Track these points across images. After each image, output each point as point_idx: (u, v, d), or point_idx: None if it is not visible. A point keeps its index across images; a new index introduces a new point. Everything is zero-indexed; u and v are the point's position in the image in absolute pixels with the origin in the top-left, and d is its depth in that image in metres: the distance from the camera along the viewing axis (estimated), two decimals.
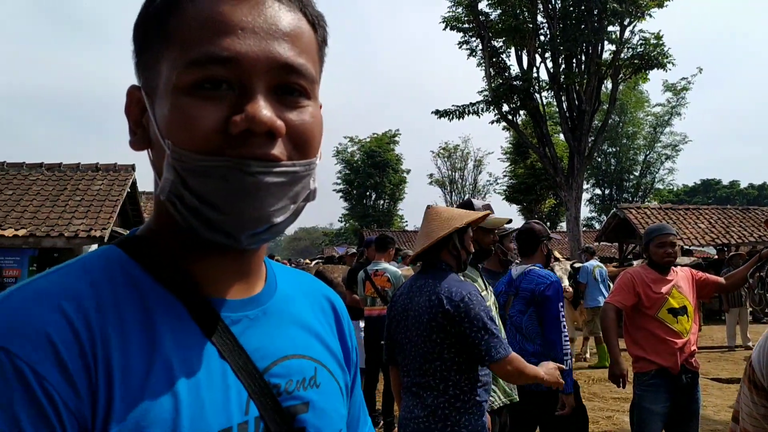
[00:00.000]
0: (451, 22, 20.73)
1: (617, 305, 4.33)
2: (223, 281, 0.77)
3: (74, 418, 0.59)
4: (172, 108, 0.68)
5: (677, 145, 47.79)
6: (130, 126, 0.76)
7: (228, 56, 0.66)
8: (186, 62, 0.67)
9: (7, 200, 13.10)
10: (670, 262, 4.34)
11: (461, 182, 49.34)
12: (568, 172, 19.84)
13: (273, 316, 0.81)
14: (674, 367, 4.14)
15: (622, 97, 33.98)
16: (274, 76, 0.69)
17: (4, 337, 0.59)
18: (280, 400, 0.75)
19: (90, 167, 14.68)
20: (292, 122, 0.70)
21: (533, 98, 20.02)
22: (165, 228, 0.76)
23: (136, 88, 0.75)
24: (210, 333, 0.72)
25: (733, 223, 18.66)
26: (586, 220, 47.78)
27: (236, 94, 0.68)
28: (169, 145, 0.67)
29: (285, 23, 0.71)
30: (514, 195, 37.29)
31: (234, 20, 0.68)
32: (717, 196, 62.54)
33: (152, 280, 0.72)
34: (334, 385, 0.85)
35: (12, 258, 12.35)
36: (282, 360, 0.78)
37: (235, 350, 0.73)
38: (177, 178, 0.68)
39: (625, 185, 50.01)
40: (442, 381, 2.69)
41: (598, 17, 19.00)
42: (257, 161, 0.67)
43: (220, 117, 0.67)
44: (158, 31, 0.71)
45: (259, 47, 0.68)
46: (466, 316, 2.65)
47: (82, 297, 0.65)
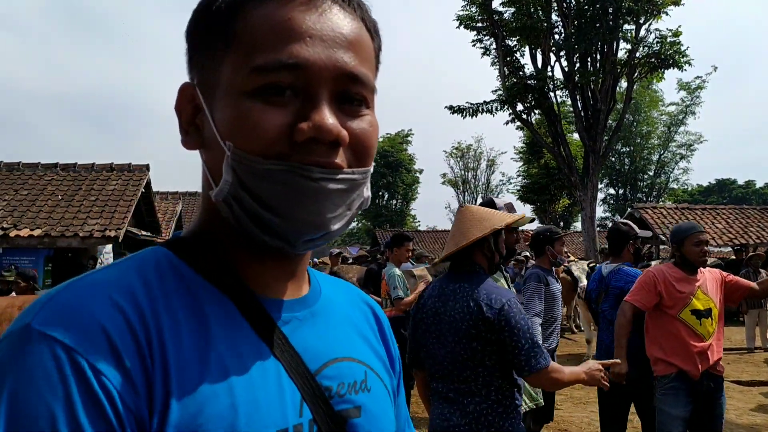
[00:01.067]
0: (465, 20, 20.68)
1: (636, 305, 4.20)
2: (272, 282, 0.76)
3: (132, 415, 0.58)
4: (236, 111, 0.67)
5: (692, 144, 47.47)
6: (182, 124, 0.75)
7: (296, 63, 0.66)
8: (253, 67, 0.67)
9: (23, 200, 13.18)
10: (704, 262, 4.19)
11: (474, 182, 49.31)
12: (583, 171, 19.71)
13: (321, 317, 0.80)
14: (694, 371, 4.01)
15: (636, 96, 33.73)
16: (338, 85, 0.69)
17: (60, 330, 0.58)
18: (332, 403, 0.73)
19: (104, 167, 14.76)
20: (353, 131, 0.70)
21: (548, 97, 19.93)
22: (213, 229, 0.75)
23: (189, 85, 0.74)
24: (262, 332, 0.71)
25: (751, 223, 18.44)
26: (600, 220, 47.46)
27: (301, 101, 0.68)
28: (230, 147, 0.67)
29: (349, 31, 0.71)
30: (528, 195, 37.12)
31: (302, 27, 0.67)
32: (732, 196, 61.94)
33: (202, 279, 0.71)
34: (383, 389, 0.84)
35: (27, 258, 12.41)
36: (333, 362, 0.77)
37: (287, 350, 0.72)
38: (236, 180, 0.67)
39: (639, 185, 49.71)
40: (484, 386, 2.62)
41: (614, 15, 18.86)
42: (320, 168, 0.67)
43: (284, 123, 0.66)
44: (221, 32, 0.70)
45: (326, 55, 0.68)
46: (506, 324, 2.57)
47: (135, 292, 0.64)
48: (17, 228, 12.07)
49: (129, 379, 0.59)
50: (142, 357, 0.61)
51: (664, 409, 4.10)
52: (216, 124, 0.69)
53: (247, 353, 0.68)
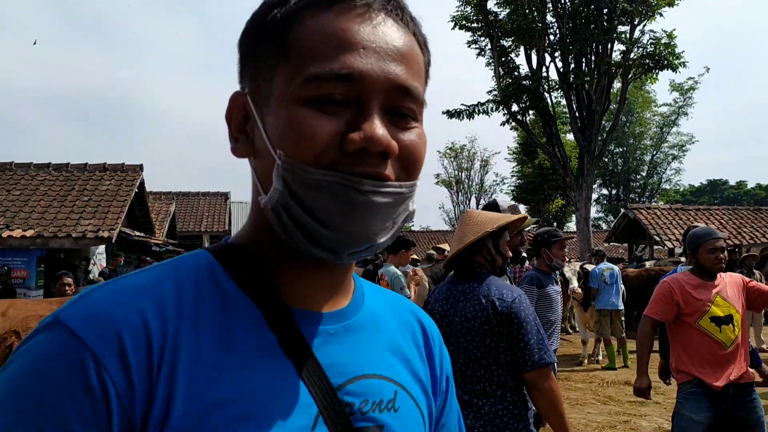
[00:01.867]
0: (460, 21, 20.67)
1: (656, 317, 4.10)
2: (309, 293, 0.76)
3: (124, 414, 0.61)
4: (288, 119, 0.68)
5: (684, 145, 47.68)
6: (231, 132, 0.76)
7: (349, 73, 0.67)
8: (306, 76, 0.67)
9: (15, 201, 13.09)
10: (721, 269, 4.06)
11: (468, 182, 49.34)
12: (578, 172, 19.75)
13: (356, 332, 0.79)
14: (715, 383, 3.88)
15: (628, 97, 33.84)
16: (389, 97, 0.69)
17: (79, 325, 0.62)
18: (352, 419, 0.72)
19: (97, 167, 14.69)
20: (403, 143, 0.70)
21: (543, 98, 19.95)
22: (259, 237, 0.76)
23: (240, 94, 0.76)
24: (286, 344, 0.71)
25: (745, 223, 18.53)
26: (593, 221, 47.63)
27: (352, 112, 0.68)
28: (281, 155, 0.68)
29: (402, 45, 0.71)
30: (522, 195, 37.16)
31: (356, 38, 0.68)
32: (724, 197, 62.24)
33: (236, 286, 0.72)
34: (416, 411, 0.81)
35: (20, 259, 12.33)
36: (359, 378, 0.76)
37: (309, 364, 0.71)
38: (286, 189, 0.68)
39: (631, 185, 49.93)
40: (499, 387, 2.62)
41: (608, 17, 18.91)
42: (369, 179, 0.67)
43: (335, 132, 0.67)
44: (275, 42, 0.71)
45: (379, 67, 0.68)
46: (516, 317, 2.60)
47: (165, 300, 0.67)
48: (9, 228, 11.98)
49: (129, 377, 0.61)
50: (149, 362, 0.63)
51: (684, 413, 4.01)
52: (267, 132, 0.70)
53: (267, 366, 0.69)
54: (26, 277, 12.36)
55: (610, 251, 27.50)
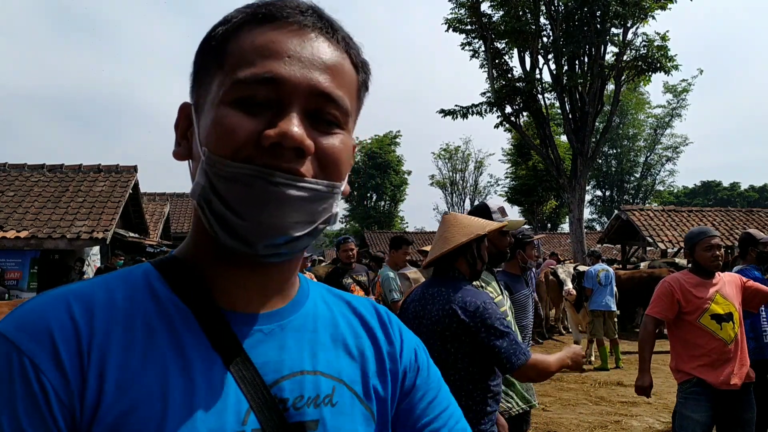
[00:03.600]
0: (454, 23, 20.69)
1: (657, 317, 4.14)
2: (244, 295, 0.79)
3: (65, 409, 0.65)
4: (213, 118, 0.73)
5: (678, 146, 47.89)
6: (177, 138, 0.83)
7: (271, 77, 0.72)
8: (234, 80, 0.72)
9: (9, 202, 13.06)
10: (718, 266, 4.12)
11: (462, 183, 49.41)
12: (571, 173, 19.81)
13: (292, 331, 0.81)
14: (715, 381, 3.94)
15: (622, 99, 33.94)
16: (311, 102, 0.74)
17: (16, 335, 0.67)
18: (286, 415, 0.75)
19: (92, 168, 14.66)
20: (321, 145, 0.74)
21: (536, 100, 20.00)
22: (197, 241, 0.80)
23: (187, 104, 0.82)
24: (217, 344, 0.74)
25: (737, 225, 18.61)
26: (586, 222, 47.70)
27: (273, 112, 0.72)
28: (205, 151, 0.73)
29: (328, 57, 0.76)
30: (516, 196, 37.26)
31: (282, 48, 0.74)
32: (717, 198, 62.51)
33: (170, 291, 0.76)
34: (358, 405, 0.83)
35: (14, 260, 12.31)
36: (294, 375, 0.78)
37: (240, 361, 0.75)
38: (207, 182, 0.72)
39: (625, 187, 50.09)
40: (455, 391, 2.59)
41: (601, 19, 18.96)
42: (282, 173, 0.70)
43: (254, 130, 0.71)
44: (215, 55, 0.76)
45: (301, 73, 0.73)
46: (482, 325, 2.60)
47: (94, 301, 0.72)
48: (3, 230, 11.95)
49: (65, 378, 0.66)
50: (80, 359, 0.67)
51: (685, 413, 4.05)
52: (199, 134, 0.75)
53: (196, 364, 0.72)
54: (20, 278, 12.34)
55: (604, 252, 27.58)
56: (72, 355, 0.67)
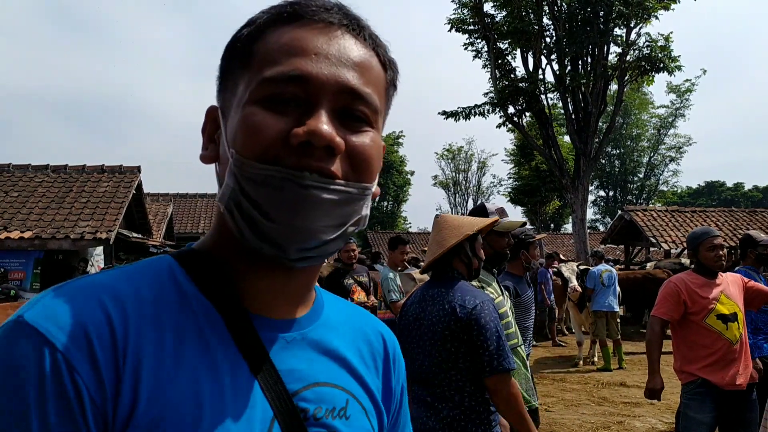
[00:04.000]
0: (456, 23, 20.69)
1: (664, 317, 4.13)
2: (268, 300, 0.78)
3: (98, 414, 0.62)
4: (241, 118, 0.71)
5: (681, 147, 47.80)
6: (204, 142, 0.81)
7: (299, 75, 0.71)
8: (260, 79, 0.71)
9: (13, 202, 13.11)
10: (721, 266, 4.13)
11: (465, 184, 49.40)
12: (574, 174, 19.79)
13: (312, 342, 0.81)
14: (720, 382, 3.93)
15: (625, 99, 33.90)
16: (339, 99, 0.72)
17: (50, 329, 0.62)
18: (306, 424, 0.75)
19: (95, 169, 14.70)
20: (351, 143, 0.73)
21: (539, 100, 19.98)
22: (221, 241, 0.78)
23: (214, 108, 0.81)
24: (244, 348, 0.73)
25: (741, 225, 18.58)
26: (590, 222, 47.63)
27: (301, 111, 0.71)
28: (233, 153, 0.71)
29: (356, 54, 0.75)
30: (519, 197, 37.23)
31: (309, 46, 0.72)
32: (721, 198, 62.36)
33: (196, 289, 0.74)
34: (365, 420, 0.84)
35: (17, 260, 12.34)
36: (314, 386, 0.78)
37: (266, 368, 0.74)
38: (236, 185, 0.70)
39: (629, 187, 50.02)
40: (457, 392, 2.65)
41: (605, 19, 18.95)
42: (313, 175, 0.69)
43: (283, 128, 0.70)
44: (241, 57, 0.76)
45: (329, 71, 0.72)
46: (476, 323, 2.62)
47: (124, 296, 0.68)
48: (7, 230, 11.99)
49: (99, 378, 0.62)
50: (116, 361, 0.64)
51: (689, 414, 4.03)
52: (226, 135, 0.74)
53: (224, 369, 0.70)
54: (23, 278, 12.37)
55: (607, 253, 27.55)
56: (108, 356, 0.63)
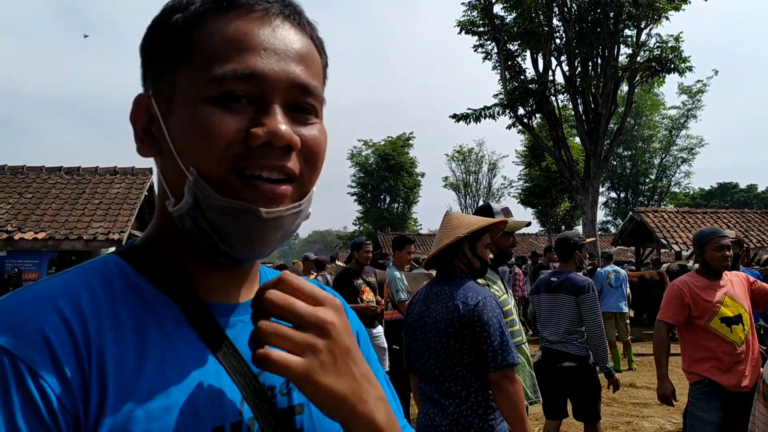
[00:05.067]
0: (466, 25, 20.71)
1: (669, 321, 4.12)
2: (221, 288, 0.80)
3: (69, 415, 0.61)
4: (192, 118, 0.71)
5: (693, 148, 47.43)
6: (137, 133, 0.78)
7: (251, 73, 0.71)
8: (210, 77, 0.70)
9: (27, 203, 13.25)
10: (727, 266, 4.09)
11: (476, 185, 49.30)
12: (584, 175, 19.74)
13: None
14: (727, 384, 3.92)
15: (637, 100, 33.73)
16: (290, 95, 0.74)
17: (5, 338, 0.60)
18: (275, 401, 0.77)
19: (108, 170, 14.83)
20: (304, 137, 0.74)
21: (549, 101, 19.95)
22: (166, 236, 0.79)
23: (144, 96, 0.77)
24: (205, 335, 0.74)
25: (752, 227, 18.47)
26: (601, 224, 47.45)
27: (255, 109, 0.72)
28: (193, 172, 0.70)
29: (300, 47, 0.76)
30: (529, 198, 37.05)
31: (257, 40, 0.72)
32: (734, 200, 61.83)
33: (148, 283, 0.74)
34: None
35: (31, 261, 12.48)
36: None
37: (229, 352, 0.75)
38: (196, 204, 0.71)
39: (640, 189, 49.66)
40: (464, 388, 2.68)
41: (615, 20, 18.90)
42: (267, 207, 0.71)
43: (240, 128, 0.70)
44: (178, 44, 0.74)
45: (279, 67, 0.72)
46: (478, 320, 2.65)
47: (78, 298, 0.67)
48: (21, 231, 12.14)
49: (66, 382, 0.61)
50: (80, 361, 0.63)
51: (696, 413, 4.02)
52: (170, 133, 0.73)
53: (189, 357, 0.71)
54: (37, 279, 12.50)
55: (618, 254, 27.41)
56: (70, 358, 0.62)
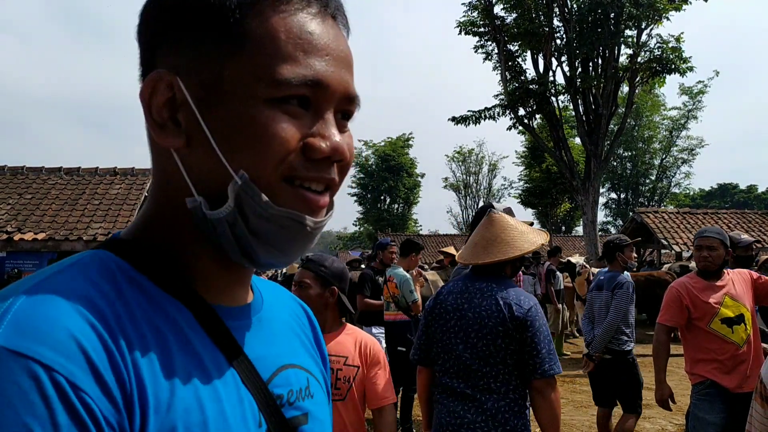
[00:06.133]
0: (467, 26, 20.70)
1: (668, 324, 4.10)
2: (222, 289, 0.75)
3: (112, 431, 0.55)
4: (252, 120, 0.65)
5: (694, 149, 47.44)
6: (152, 115, 0.69)
7: (318, 81, 0.67)
8: (275, 79, 0.65)
9: (27, 204, 13.23)
10: (705, 266, 4.07)
11: (476, 186, 49.32)
12: (585, 176, 19.74)
13: (266, 324, 0.80)
14: (730, 385, 3.88)
15: (637, 101, 33.72)
16: (341, 104, 0.71)
17: (34, 347, 0.52)
18: (283, 411, 0.75)
19: (108, 171, 14.81)
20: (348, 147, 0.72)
21: (549, 102, 19.95)
22: (171, 232, 0.72)
23: (167, 74, 0.67)
24: (220, 342, 0.70)
25: (753, 227, 18.44)
26: (601, 225, 47.41)
27: (311, 116, 0.68)
28: (243, 176, 0.65)
29: (350, 54, 0.73)
30: (530, 199, 37.15)
31: (320, 42, 0.68)
32: (734, 201, 61.84)
33: (156, 287, 0.68)
34: (323, 394, 0.86)
35: (31, 262, 12.45)
36: (281, 370, 0.78)
37: (242, 360, 0.71)
38: (239, 210, 0.66)
39: (641, 189, 49.69)
40: (504, 384, 2.69)
41: (615, 21, 18.90)
42: (313, 218, 0.69)
43: (299, 137, 0.67)
44: (226, 27, 0.66)
45: (339, 75, 0.70)
46: (531, 325, 2.68)
47: (97, 303, 0.60)
48: (21, 231, 12.11)
49: (110, 395, 0.55)
50: (118, 373, 0.57)
51: (699, 414, 3.98)
52: (211, 126, 0.66)
53: (209, 364, 0.67)
54: None
55: None
56: (107, 369, 0.56)
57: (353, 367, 2.61)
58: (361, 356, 2.64)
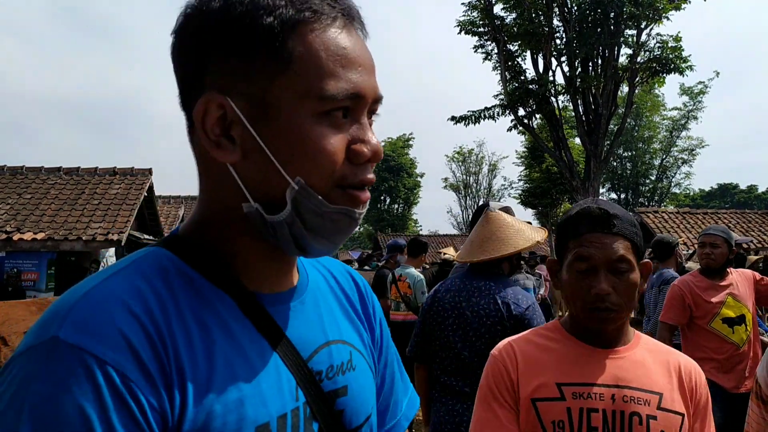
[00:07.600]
0: (466, 26, 20.68)
1: (670, 323, 4.10)
2: (270, 277, 0.83)
3: (159, 417, 0.64)
4: (304, 134, 0.73)
5: (694, 149, 47.42)
6: (207, 135, 0.75)
7: (357, 93, 0.75)
8: (322, 95, 0.72)
9: (26, 204, 13.23)
10: (708, 263, 4.06)
11: (476, 186, 49.31)
12: (585, 176, 19.73)
13: (310, 305, 0.88)
14: (727, 385, 3.88)
15: (637, 101, 33.72)
16: (371, 107, 0.80)
17: (88, 342, 0.62)
18: (322, 386, 0.82)
19: (107, 171, 14.81)
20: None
21: (549, 102, 19.95)
22: (215, 232, 0.80)
23: (220, 96, 0.73)
24: (262, 327, 0.78)
25: (753, 227, 18.44)
26: None
27: (350, 123, 0.76)
28: (300, 182, 0.73)
29: (372, 58, 0.80)
30: (529, 199, 37.03)
31: (353, 55, 0.76)
32: (734, 201, 61.80)
33: (202, 278, 0.76)
34: (365, 365, 0.93)
35: (30, 261, 12.45)
36: (322, 347, 0.85)
37: (282, 341, 0.79)
38: (295, 211, 0.74)
39: (641, 189, 49.65)
40: None
41: (615, 21, 18.90)
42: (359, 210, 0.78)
43: (345, 146, 0.75)
44: (272, 49, 0.72)
45: (371, 83, 0.78)
46: (529, 324, 2.68)
47: (144, 296, 0.69)
48: (21, 231, 12.10)
49: (152, 382, 0.64)
50: (160, 362, 0.66)
51: None
52: (267, 140, 0.73)
53: (249, 348, 0.75)
54: (36, 279, 12.48)
55: None
56: (152, 360, 0.65)
57: None
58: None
